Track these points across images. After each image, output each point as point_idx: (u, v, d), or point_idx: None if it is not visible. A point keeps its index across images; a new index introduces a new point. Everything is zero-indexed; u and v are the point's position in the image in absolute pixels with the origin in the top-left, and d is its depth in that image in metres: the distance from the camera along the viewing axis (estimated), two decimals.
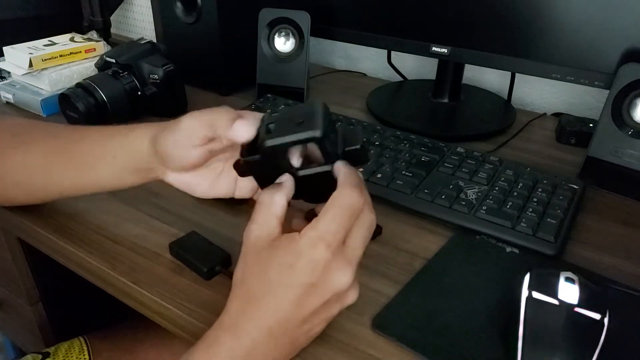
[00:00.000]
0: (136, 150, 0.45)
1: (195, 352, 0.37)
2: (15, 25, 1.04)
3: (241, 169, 0.40)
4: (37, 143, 0.51)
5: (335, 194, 0.36)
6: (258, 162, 0.39)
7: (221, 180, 0.45)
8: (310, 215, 0.38)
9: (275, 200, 0.38)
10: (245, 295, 0.37)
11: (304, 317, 0.36)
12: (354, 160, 0.39)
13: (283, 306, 0.35)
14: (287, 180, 0.39)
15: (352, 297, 0.38)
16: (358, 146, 0.38)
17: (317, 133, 0.36)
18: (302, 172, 0.39)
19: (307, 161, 0.40)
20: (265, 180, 0.40)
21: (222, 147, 0.42)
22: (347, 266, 0.36)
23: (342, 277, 0.36)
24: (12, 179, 0.51)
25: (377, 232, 0.53)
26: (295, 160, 0.39)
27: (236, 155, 0.41)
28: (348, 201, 0.36)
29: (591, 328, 0.38)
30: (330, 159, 0.38)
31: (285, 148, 0.38)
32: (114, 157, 0.46)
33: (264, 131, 0.39)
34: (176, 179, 0.45)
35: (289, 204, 0.39)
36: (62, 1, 1.12)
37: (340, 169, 0.38)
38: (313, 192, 0.39)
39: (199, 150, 0.42)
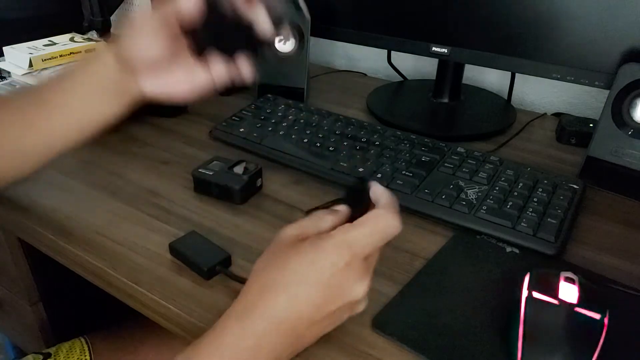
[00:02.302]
0: (103, 72, 0.44)
1: (203, 339, 0.36)
2: (15, 25, 1.04)
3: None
4: (8, 105, 0.49)
5: (378, 212, 0.37)
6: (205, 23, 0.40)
7: (197, 74, 0.45)
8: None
9: (325, 217, 0.39)
10: (261, 285, 0.37)
11: (315, 320, 0.36)
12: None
13: (296, 304, 0.35)
14: (342, 209, 0.40)
15: (362, 307, 0.39)
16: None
17: None
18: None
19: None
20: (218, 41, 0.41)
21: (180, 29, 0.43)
22: (365, 278, 0.37)
23: (359, 288, 0.36)
24: None
25: None
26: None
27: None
28: (389, 225, 0.37)
29: (591, 328, 0.38)
30: None
31: None
32: (85, 88, 0.45)
33: None
34: (153, 86, 0.45)
35: None
36: (62, 1, 1.12)
37: (378, 189, 0.39)
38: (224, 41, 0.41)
39: (161, 37, 0.42)
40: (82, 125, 0.48)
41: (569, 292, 0.39)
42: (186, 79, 0.45)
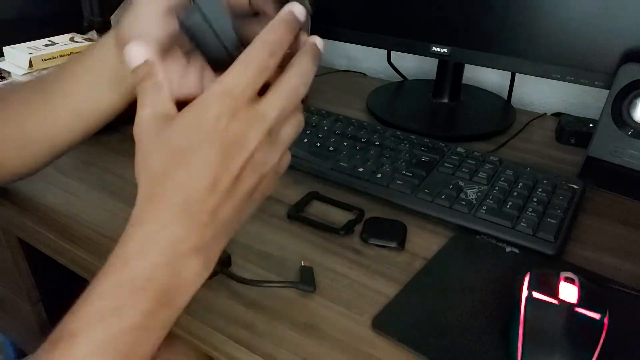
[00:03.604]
0: (104, 56, 0.44)
1: (108, 260, 0.33)
2: (15, 25, 1.04)
3: (182, 29, 0.37)
4: (15, 95, 0.49)
5: (247, 47, 0.32)
6: (193, 23, 0.35)
7: (189, 77, 0.43)
8: None
9: (159, 81, 0.34)
10: (149, 179, 0.32)
11: (224, 187, 0.32)
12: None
13: (194, 173, 0.31)
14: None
15: (269, 163, 0.33)
16: None
17: None
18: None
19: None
20: (210, 46, 0.36)
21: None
22: (256, 122, 0.32)
23: (252, 133, 0.32)
24: None
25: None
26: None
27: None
28: (256, 54, 0.32)
29: (591, 328, 0.38)
30: None
31: (200, 9, 0.34)
32: (87, 73, 0.45)
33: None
34: None
35: None
36: (62, 1, 1.12)
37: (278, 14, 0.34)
38: None
39: (160, 25, 0.40)
40: (81, 115, 0.47)
41: (569, 292, 0.39)
42: (177, 79, 0.45)
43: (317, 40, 0.36)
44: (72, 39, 0.89)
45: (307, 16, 0.36)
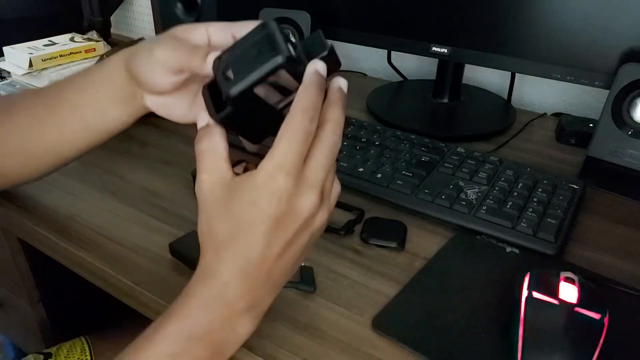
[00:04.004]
0: (115, 77, 0.45)
1: (171, 307, 0.35)
2: (15, 25, 1.04)
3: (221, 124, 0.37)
4: (17, 105, 0.49)
5: (287, 117, 0.34)
6: (232, 115, 0.35)
7: (198, 103, 0.44)
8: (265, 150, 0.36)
9: (216, 142, 0.35)
10: (214, 243, 0.35)
11: (277, 252, 0.35)
12: (327, 69, 0.36)
13: (253, 244, 0.34)
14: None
15: (319, 221, 0.36)
16: (326, 52, 0.36)
17: (279, 59, 0.33)
18: (282, 104, 0.36)
19: (283, 91, 0.38)
20: (248, 129, 0.37)
21: (195, 74, 0.42)
22: (309, 190, 0.34)
23: (307, 202, 0.34)
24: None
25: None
26: (271, 96, 0.37)
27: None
28: (299, 124, 0.33)
29: (591, 328, 0.38)
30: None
31: (252, 89, 0.34)
32: (96, 91, 0.45)
33: (222, 79, 0.35)
34: (154, 102, 0.45)
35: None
36: (62, 1, 1.12)
37: (301, 86, 0.35)
38: None
39: (171, 78, 0.42)
40: (90, 130, 0.48)
41: (569, 292, 0.39)
42: (186, 106, 0.45)
43: (342, 83, 0.38)
44: (72, 39, 0.89)
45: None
